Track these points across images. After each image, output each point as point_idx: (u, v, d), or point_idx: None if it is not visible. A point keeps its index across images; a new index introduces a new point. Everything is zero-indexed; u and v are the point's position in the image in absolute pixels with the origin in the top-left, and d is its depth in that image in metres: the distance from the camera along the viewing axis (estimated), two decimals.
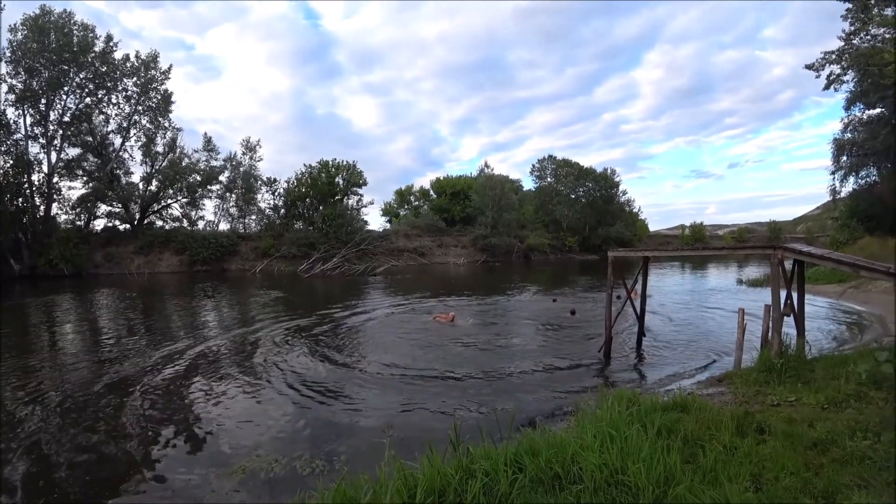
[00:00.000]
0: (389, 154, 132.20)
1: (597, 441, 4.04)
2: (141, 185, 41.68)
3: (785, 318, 8.19)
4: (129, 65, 38.93)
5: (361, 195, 50.80)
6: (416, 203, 66.22)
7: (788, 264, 8.84)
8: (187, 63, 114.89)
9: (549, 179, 62.18)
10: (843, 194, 29.42)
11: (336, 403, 7.94)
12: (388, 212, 67.11)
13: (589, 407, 5.36)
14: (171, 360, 10.72)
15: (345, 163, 49.26)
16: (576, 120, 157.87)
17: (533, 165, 64.22)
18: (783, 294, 8.38)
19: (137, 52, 40.97)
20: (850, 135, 27.32)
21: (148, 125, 41.04)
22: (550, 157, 62.66)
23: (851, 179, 28.25)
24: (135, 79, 39.39)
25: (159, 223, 43.62)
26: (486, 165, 59.08)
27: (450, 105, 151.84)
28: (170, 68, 40.84)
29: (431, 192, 64.29)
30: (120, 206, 40.55)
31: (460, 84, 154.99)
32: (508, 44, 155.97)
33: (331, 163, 48.85)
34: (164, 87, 40.78)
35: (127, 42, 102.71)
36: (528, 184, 67.47)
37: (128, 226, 41.53)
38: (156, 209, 43.14)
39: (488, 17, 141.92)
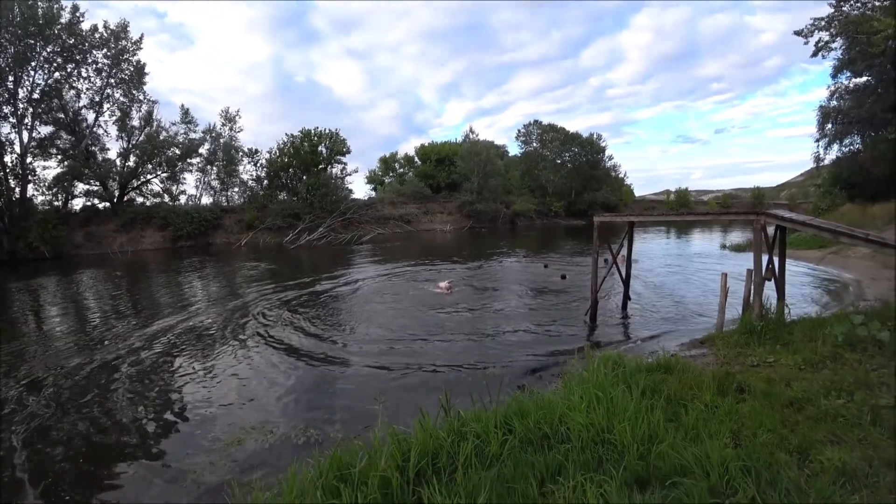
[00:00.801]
0: (372, 121, 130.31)
1: (584, 402, 4.17)
2: (118, 162, 40.37)
3: (766, 282, 8.39)
4: (97, 36, 37.14)
5: (345, 163, 50.07)
6: (401, 170, 65.36)
7: (771, 230, 8.99)
8: (160, 31, 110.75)
9: (534, 145, 61.66)
10: (826, 162, 29.75)
11: (327, 373, 8.03)
12: (372, 180, 66.32)
13: (576, 369, 5.49)
14: (159, 337, 10.69)
15: (327, 131, 48.33)
16: (562, 84, 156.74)
17: (518, 130, 63.64)
18: (765, 259, 8.56)
19: (106, 22, 38.93)
20: (835, 102, 27.42)
21: (121, 98, 39.40)
22: (536, 121, 62.05)
23: (835, 147, 28.53)
24: (105, 50, 37.62)
25: (140, 199, 42.57)
26: (471, 131, 58.31)
27: (433, 69, 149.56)
28: (141, 38, 39.18)
29: (416, 159, 63.48)
30: (98, 183, 39.40)
31: (444, 48, 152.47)
32: (493, 6, 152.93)
33: (313, 131, 47.84)
34: (136, 57, 39.09)
35: (94, 12, 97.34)
36: (514, 149, 67.11)
37: (107, 204, 40.50)
38: (135, 185, 42.03)
39: None
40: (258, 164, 48.14)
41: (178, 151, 41.86)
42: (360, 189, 62.40)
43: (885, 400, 4.03)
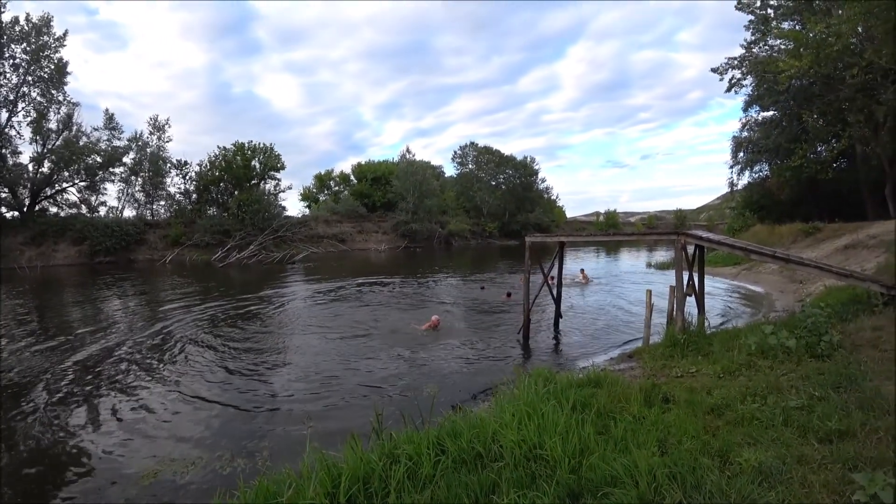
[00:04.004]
0: (310, 137, 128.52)
1: (515, 419, 4.16)
2: (31, 167, 37.00)
3: (688, 297, 8.87)
4: (17, 29, 34.40)
5: (279, 179, 49.10)
6: (337, 188, 64.67)
7: (691, 249, 9.54)
8: (89, 30, 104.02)
9: (470, 166, 63.40)
10: (739, 187, 32.31)
11: (255, 398, 7.59)
12: (306, 197, 65.08)
13: (507, 387, 5.50)
14: (70, 362, 9.73)
15: (262, 145, 47.16)
16: (500, 108, 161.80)
17: (455, 152, 65.35)
18: (686, 276, 9.06)
19: (28, 14, 36.30)
20: (746, 133, 30.02)
21: (39, 98, 36.46)
22: (472, 143, 64.07)
23: (747, 174, 31.17)
24: (24, 45, 34.92)
25: (54, 210, 39.35)
26: (408, 151, 59.03)
27: (374, 88, 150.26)
28: (65, 34, 36.64)
29: (352, 178, 63.10)
30: (6, 190, 35.99)
31: (386, 67, 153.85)
32: (437, 28, 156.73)
33: (247, 145, 46.49)
34: (58, 55, 36.46)
35: (18, 3, 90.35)
36: (450, 170, 68.40)
37: (16, 213, 37.02)
38: (49, 194, 38.75)
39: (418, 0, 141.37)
40: (187, 177, 46.00)
41: (99, 159, 39.14)
42: (293, 206, 61.03)
43: (795, 401, 4.30)
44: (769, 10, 25.03)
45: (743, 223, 28.97)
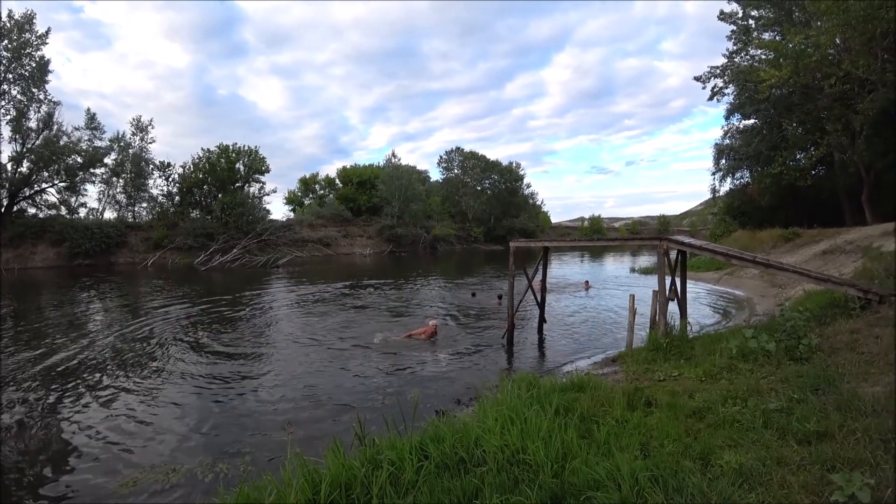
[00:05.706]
0: (295, 140, 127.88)
1: (498, 424, 4.14)
2: (9, 167, 36.16)
3: (670, 302, 8.96)
4: None
5: (264, 183, 48.80)
6: (322, 192, 64.35)
7: (673, 254, 9.65)
8: (73, 28, 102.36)
9: (455, 171, 63.56)
10: (721, 193, 32.86)
11: (236, 404, 7.50)
12: (291, 200, 64.61)
13: (491, 392, 5.48)
14: (46, 368, 9.51)
15: (246, 148, 46.83)
16: (486, 113, 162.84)
17: (440, 157, 65.44)
18: (668, 280, 9.15)
19: (10, 11, 35.72)
20: (728, 141, 30.54)
21: (19, 96, 35.79)
22: (458, 148, 64.19)
23: (728, 180, 31.70)
24: (5, 42, 34.30)
25: (32, 211, 38.64)
26: (393, 155, 58.94)
27: (361, 92, 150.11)
28: (48, 32, 36.11)
29: (337, 181, 62.85)
30: None
31: (373, 71, 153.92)
32: (425, 33, 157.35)
33: (231, 147, 46.07)
34: (39, 53, 35.87)
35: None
36: (436, 174, 68.55)
37: None
38: (27, 194, 38.00)
39: (406, 4, 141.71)
40: (170, 179, 45.41)
41: (79, 159, 38.43)
42: (278, 210, 60.72)
43: (774, 404, 4.35)
44: (750, 21, 25.67)
45: (725, 229, 29.41)
